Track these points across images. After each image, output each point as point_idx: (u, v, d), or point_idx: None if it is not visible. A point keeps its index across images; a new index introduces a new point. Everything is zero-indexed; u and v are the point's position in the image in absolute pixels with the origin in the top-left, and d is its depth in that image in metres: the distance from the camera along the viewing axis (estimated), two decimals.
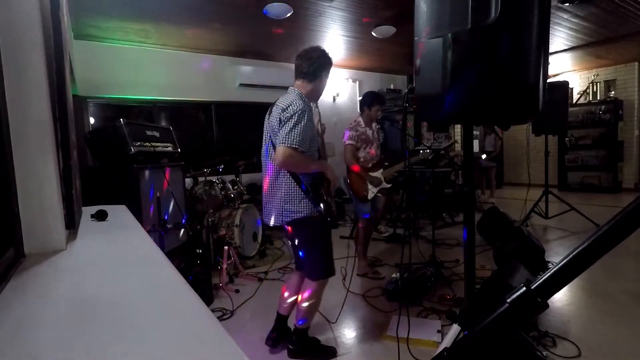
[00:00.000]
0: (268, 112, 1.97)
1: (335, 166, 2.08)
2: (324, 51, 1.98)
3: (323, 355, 2.06)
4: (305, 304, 2.00)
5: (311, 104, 2.00)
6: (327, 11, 3.96)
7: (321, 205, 1.86)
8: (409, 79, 7.33)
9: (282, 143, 1.74)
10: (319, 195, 1.86)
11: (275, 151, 1.81)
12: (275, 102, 1.94)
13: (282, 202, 1.87)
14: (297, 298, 2.13)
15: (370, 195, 3.22)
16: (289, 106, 1.80)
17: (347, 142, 3.21)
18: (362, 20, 4.23)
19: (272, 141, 1.89)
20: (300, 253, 1.99)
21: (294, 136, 1.73)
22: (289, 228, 1.95)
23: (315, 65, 1.92)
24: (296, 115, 1.76)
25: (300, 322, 2.04)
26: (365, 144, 3.24)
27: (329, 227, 1.94)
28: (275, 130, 1.83)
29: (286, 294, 2.17)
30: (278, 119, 1.82)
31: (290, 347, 2.07)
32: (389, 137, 6.60)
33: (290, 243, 2.09)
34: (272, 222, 1.93)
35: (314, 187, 1.85)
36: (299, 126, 1.75)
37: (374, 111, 3.27)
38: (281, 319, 2.18)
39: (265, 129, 1.99)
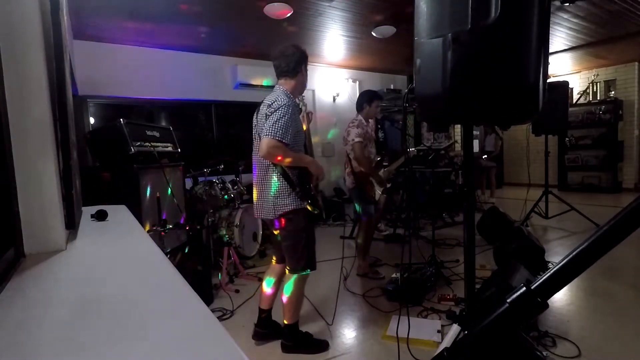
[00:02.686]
0: (256, 112, 2.06)
1: (335, 166, 2.10)
2: (298, 46, 2.07)
3: (316, 348, 2.10)
4: (288, 302, 2.06)
5: (297, 98, 2.11)
6: (327, 11, 3.95)
7: (308, 198, 1.94)
8: (409, 79, 7.33)
9: (267, 135, 1.82)
10: (307, 189, 1.93)
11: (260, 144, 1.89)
12: (262, 100, 2.03)
13: (273, 197, 1.96)
14: (277, 291, 2.23)
15: (377, 196, 3.21)
16: (274, 102, 1.89)
17: (356, 139, 3.08)
18: (362, 20, 4.23)
19: (260, 137, 1.95)
20: (285, 246, 2.04)
21: (277, 128, 1.81)
22: (277, 221, 2.02)
23: (293, 62, 2.02)
24: (281, 109, 1.85)
25: (287, 320, 2.10)
26: (368, 142, 3.21)
27: (314, 220, 2.03)
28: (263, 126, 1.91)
29: (266, 287, 2.23)
30: (265, 115, 1.90)
31: (284, 342, 2.12)
32: (389, 137, 6.60)
33: (274, 236, 2.16)
34: (263, 216, 2.03)
35: (301, 181, 1.93)
36: (283, 119, 1.83)
37: (374, 107, 3.23)
38: (264, 313, 2.24)
39: (254, 127, 2.06)
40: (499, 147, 6.79)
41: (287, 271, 2.08)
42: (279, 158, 1.85)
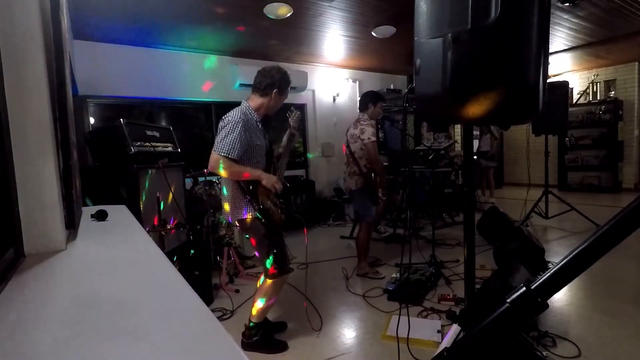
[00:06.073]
0: None
1: (335, 166, 2.10)
2: (283, 72, 2.10)
3: (274, 348, 2.12)
4: (260, 304, 2.09)
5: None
6: (327, 11, 3.95)
7: (260, 211, 2.00)
8: (409, 79, 7.32)
9: (214, 150, 1.92)
10: (256, 199, 1.99)
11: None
12: None
13: (231, 204, 2.05)
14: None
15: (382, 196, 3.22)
16: (226, 117, 1.96)
17: (372, 138, 3.06)
18: (362, 20, 4.23)
19: None
20: (256, 251, 2.13)
21: (223, 144, 1.88)
22: (240, 227, 2.11)
23: (266, 82, 2.06)
24: (229, 125, 1.90)
25: (254, 319, 2.13)
26: None
27: (274, 227, 2.04)
28: None
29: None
30: (219, 129, 1.98)
31: (244, 340, 2.14)
32: (389, 137, 6.60)
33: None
34: (229, 219, 2.13)
35: (251, 191, 1.99)
36: (231, 136, 1.88)
37: (379, 108, 3.23)
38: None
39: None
40: (494, 147, 6.78)
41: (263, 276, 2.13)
42: (223, 172, 1.91)
